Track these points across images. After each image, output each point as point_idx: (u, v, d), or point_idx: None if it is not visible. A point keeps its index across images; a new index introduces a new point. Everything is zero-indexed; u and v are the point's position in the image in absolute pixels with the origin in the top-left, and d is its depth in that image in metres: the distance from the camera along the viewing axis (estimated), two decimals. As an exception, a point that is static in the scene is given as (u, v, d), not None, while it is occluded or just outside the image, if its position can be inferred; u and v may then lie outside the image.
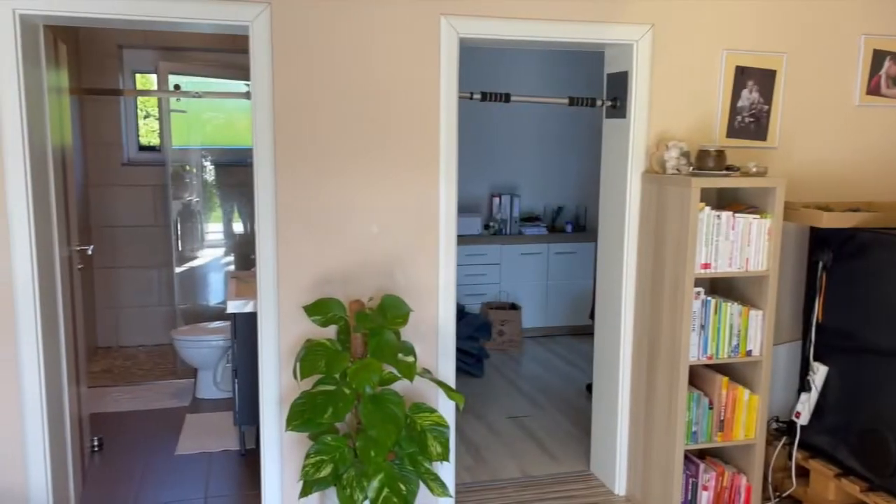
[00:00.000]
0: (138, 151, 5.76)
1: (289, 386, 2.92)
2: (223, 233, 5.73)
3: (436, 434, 2.65)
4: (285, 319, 2.90)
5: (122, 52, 5.45)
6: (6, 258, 2.59)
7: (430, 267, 3.00)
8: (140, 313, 5.82)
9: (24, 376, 2.64)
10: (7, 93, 2.50)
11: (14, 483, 2.69)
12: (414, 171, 2.93)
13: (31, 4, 2.48)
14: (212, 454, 3.77)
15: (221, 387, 4.60)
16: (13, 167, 2.55)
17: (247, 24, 2.69)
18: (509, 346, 5.70)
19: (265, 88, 2.74)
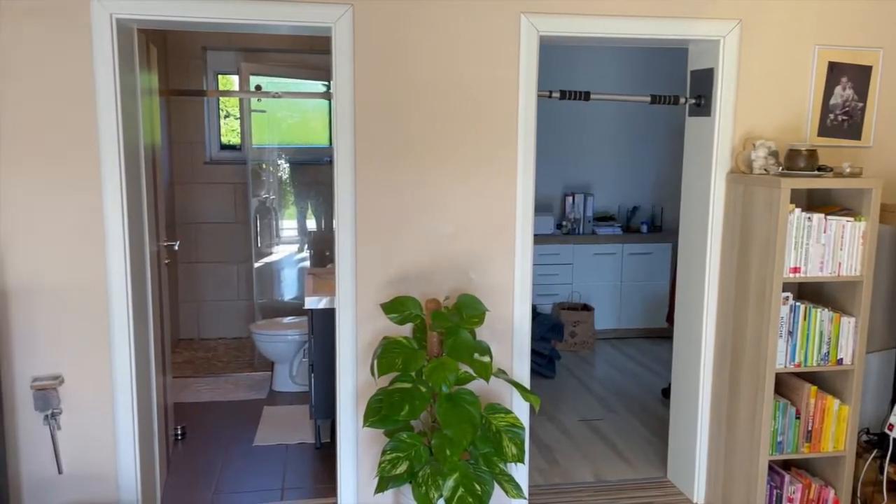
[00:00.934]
0: (220, 150, 5.95)
1: (365, 382, 2.95)
2: (297, 230, 5.85)
3: (511, 435, 2.64)
4: (362, 316, 2.93)
5: (206, 54, 5.63)
6: (101, 253, 2.71)
7: (505, 266, 2.99)
8: (220, 307, 6.00)
9: (116, 366, 2.76)
10: (104, 94, 2.62)
11: (105, 468, 2.82)
12: (491, 170, 2.92)
13: (127, 9, 2.58)
14: (288, 446, 3.85)
15: (297, 380, 4.70)
16: (109, 166, 2.66)
17: (330, 26, 2.74)
18: (581, 347, 5.62)
19: (346, 89, 2.78)
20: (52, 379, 2.72)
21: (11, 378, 2.69)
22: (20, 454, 2.74)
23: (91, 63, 2.59)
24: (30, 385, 2.71)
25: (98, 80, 2.61)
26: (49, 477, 2.77)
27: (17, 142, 2.60)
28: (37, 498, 2.78)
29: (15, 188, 2.62)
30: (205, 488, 3.37)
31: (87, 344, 2.74)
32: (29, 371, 2.71)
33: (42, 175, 2.63)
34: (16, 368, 2.70)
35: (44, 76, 2.59)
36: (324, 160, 5.82)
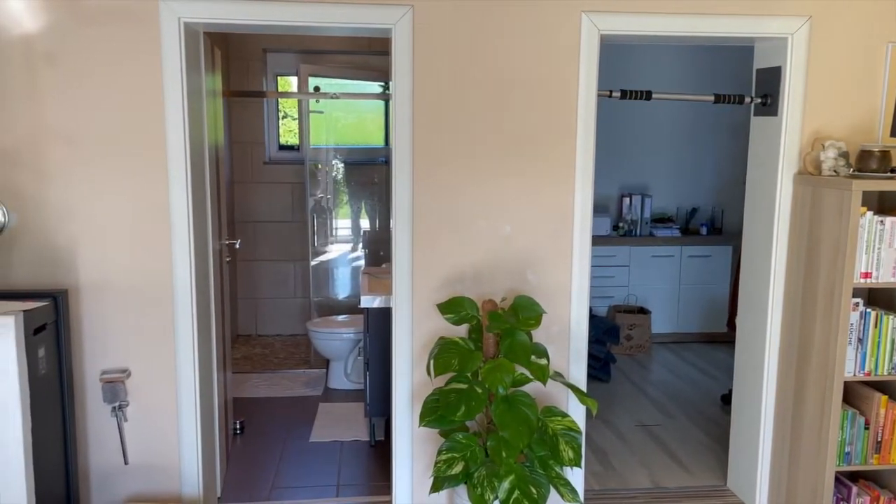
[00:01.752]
0: (278, 150, 6.06)
1: (420, 381, 2.97)
2: (351, 229, 5.92)
3: (568, 439, 2.61)
4: (418, 316, 2.94)
5: (266, 56, 5.74)
6: (167, 250, 2.79)
7: (563, 268, 2.96)
8: (277, 304, 6.11)
9: (180, 360, 2.84)
10: (172, 96, 2.69)
11: (169, 460, 2.90)
12: (549, 171, 2.89)
13: (194, 13, 2.65)
14: (343, 443, 3.89)
15: (352, 378, 4.75)
16: (176, 166, 2.73)
17: (390, 27, 2.75)
18: (637, 350, 5.53)
19: (406, 90, 2.79)
20: (119, 372, 2.81)
21: (82, 370, 2.79)
22: (89, 445, 2.84)
23: (160, 65, 2.67)
24: (99, 377, 2.80)
25: (166, 82, 2.68)
26: (115, 467, 2.87)
27: (89, 142, 2.70)
28: (104, 487, 2.87)
29: (86, 188, 2.72)
30: (263, 482, 3.44)
31: (154, 338, 2.82)
32: (98, 364, 2.81)
33: (111, 175, 2.72)
34: (86, 361, 2.80)
35: (114, 79, 2.67)
36: (379, 160, 5.88)
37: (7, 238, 2.70)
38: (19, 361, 2.20)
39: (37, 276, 2.73)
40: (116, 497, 2.87)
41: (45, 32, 2.62)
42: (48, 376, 2.45)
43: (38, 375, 2.35)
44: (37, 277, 2.73)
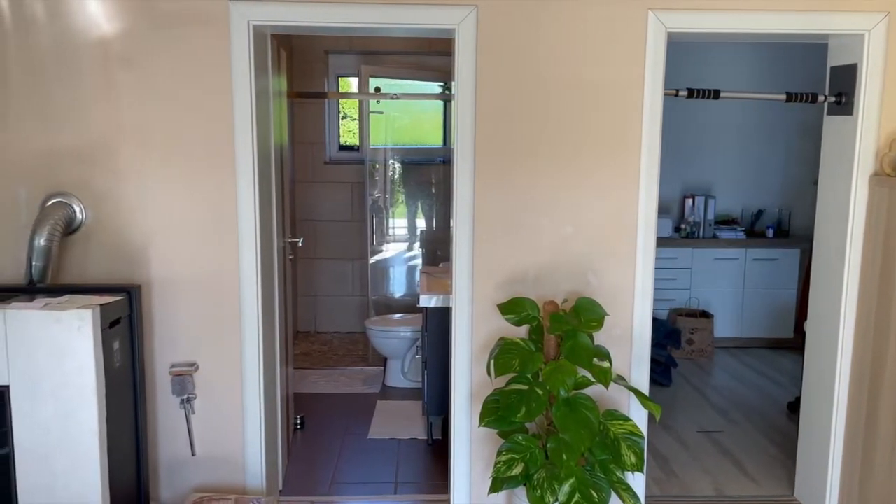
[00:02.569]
0: (338, 150, 6.14)
1: (479, 381, 2.96)
2: (408, 228, 5.96)
3: (630, 443, 2.57)
4: (478, 316, 2.94)
5: (328, 58, 5.83)
6: (235, 247, 2.85)
7: (626, 270, 2.91)
8: (335, 302, 6.20)
9: (246, 355, 2.90)
10: (240, 97, 2.75)
11: (234, 452, 2.97)
12: (613, 170, 2.86)
13: (263, 16, 2.71)
14: (400, 441, 3.92)
15: (409, 377, 4.79)
16: (243, 165, 2.80)
17: (453, 27, 2.76)
18: (699, 355, 5.41)
19: (468, 89, 2.80)
20: (188, 366, 2.90)
21: (153, 364, 2.88)
22: (158, 436, 2.93)
23: (229, 67, 2.74)
24: (168, 371, 2.89)
25: (235, 84, 2.75)
26: (183, 458, 2.95)
27: (161, 142, 2.78)
28: (172, 477, 2.96)
29: (158, 187, 2.81)
30: (323, 477, 3.49)
31: (221, 333, 2.89)
32: (168, 357, 2.90)
33: (182, 174, 2.81)
34: (156, 355, 2.89)
35: (184, 80, 2.75)
36: (437, 160, 5.90)
37: (84, 234, 2.81)
38: (96, 354, 2.28)
39: (111, 271, 2.83)
40: (184, 487, 2.96)
41: (120, 36, 2.72)
42: (122, 369, 2.54)
43: (113, 367, 2.44)
44: (111, 273, 2.84)
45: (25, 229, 2.76)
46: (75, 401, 2.28)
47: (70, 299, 2.40)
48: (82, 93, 2.74)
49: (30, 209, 2.77)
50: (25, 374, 2.25)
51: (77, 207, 2.78)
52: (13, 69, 2.71)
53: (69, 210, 2.76)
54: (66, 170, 2.77)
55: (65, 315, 2.25)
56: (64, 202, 2.76)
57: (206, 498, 2.80)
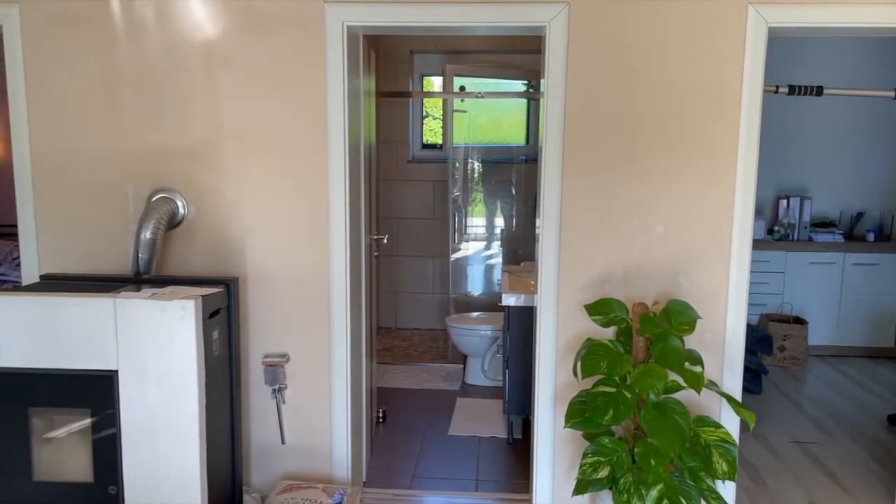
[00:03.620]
0: (421, 149, 6.21)
1: (564, 382, 2.94)
2: (489, 227, 5.96)
3: (722, 451, 2.50)
4: (563, 316, 2.92)
5: (412, 58, 5.90)
6: (325, 243, 2.93)
7: (719, 272, 2.83)
8: (416, 299, 6.27)
9: (334, 349, 2.97)
10: (334, 96, 2.82)
11: (321, 442, 3.05)
12: (707, 170, 2.78)
13: (357, 17, 2.77)
14: (481, 439, 3.93)
15: (489, 375, 4.79)
16: (335, 163, 2.87)
17: (544, 25, 2.75)
18: (791, 363, 5.20)
19: (558, 87, 2.78)
20: (280, 356, 2.99)
21: (247, 353, 2.99)
22: (251, 423, 3.04)
23: (324, 68, 2.81)
24: (261, 361, 2.99)
25: (329, 84, 2.82)
26: (273, 446, 3.05)
27: (258, 141, 2.88)
28: (263, 463, 3.07)
29: (255, 184, 2.91)
30: (405, 471, 3.54)
31: (311, 326, 2.98)
32: (261, 348, 3.00)
33: (277, 172, 2.90)
34: (251, 345, 3.00)
35: (281, 81, 2.84)
36: (519, 159, 5.88)
37: (185, 229, 2.95)
38: (198, 342, 2.39)
39: (210, 264, 2.96)
40: (273, 473, 3.06)
41: (222, 38, 2.83)
42: (220, 357, 2.64)
43: (212, 356, 2.55)
44: (210, 265, 2.96)
45: (132, 223, 2.91)
46: (178, 386, 2.39)
47: (173, 290, 2.52)
48: (186, 93, 2.86)
49: (137, 204, 2.92)
50: (133, 360, 2.38)
51: (180, 203, 2.91)
52: (125, 72, 2.86)
53: (173, 205, 2.89)
54: (170, 167, 2.91)
55: (169, 305, 2.36)
56: (168, 198, 2.90)
57: (294, 485, 2.88)
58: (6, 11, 2.81)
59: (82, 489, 2.44)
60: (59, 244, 2.96)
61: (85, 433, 2.42)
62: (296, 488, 2.85)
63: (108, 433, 2.41)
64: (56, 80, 2.87)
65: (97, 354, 2.38)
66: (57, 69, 2.87)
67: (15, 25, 2.81)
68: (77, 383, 2.38)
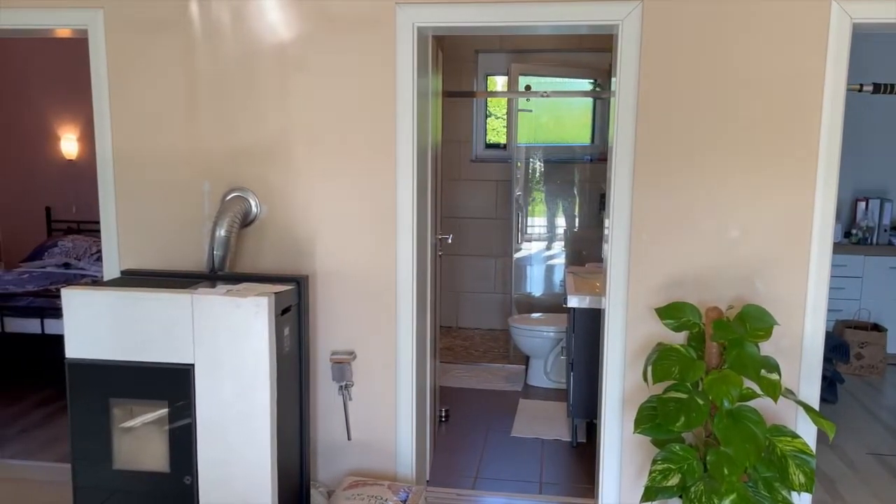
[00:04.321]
0: (484, 149, 6.20)
1: (632, 387, 2.89)
2: (552, 227, 5.91)
3: (798, 461, 2.41)
4: (632, 319, 2.87)
5: (477, 57, 5.90)
6: (392, 242, 2.95)
7: (797, 277, 2.74)
8: (477, 298, 6.27)
9: (400, 347, 2.99)
10: (403, 97, 2.84)
11: (386, 440, 3.07)
12: (786, 171, 2.69)
13: (427, 18, 2.78)
14: (544, 441, 3.90)
15: (551, 377, 4.75)
16: (403, 163, 2.88)
17: (616, 23, 2.70)
18: (869, 371, 4.99)
19: (630, 87, 2.73)
20: (346, 354, 3.03)
21: (315, 350, 3.04)
22: (318, 419, 3.09)
23: (394, 69, 2.83)
24: (329, 358, 3.03)
25: (399, 85, 2.84)
26: (340, 442, 3.09)
27: (328, 142, 2.92)
28: (329, 459, 3.11)
29: (325, 183, 2.95)
30: (467, 471, 3.54)
31: (377, 324, 3.00)
32: (329, 345, 3.04)
33: (347, 172, 2.93)
34: (319, 342, 3.04)
35: (351, 82, 2.87)
36: (584, 158, 5.81)
37: (258, 227, 3.01)
38: (270, 338, 2.44)
39: (281, 261, 3.01)
40: (339, 469, 3.10)
41: (294, 40, 2.88)
42: (290, 354, 2.69)
43: (283, 352, 2.60)
44: (281, 263, 3.02)
45: (208, 221, 2.99)
46: (251, 381, 2.44)
47: (247, 287, 2.58)
48: (260, 95, 2.93)
49: (212, 202, 3.00)
50: (208, 354, 2.45)
51: (253, 202, 2.98)
52: (202, 74, 2.94)
53: (246, 204, 2.96)
54: (244, 167, 2.98)
55: (244, 301, 2.41)
56: (242, 196, 2.97)
57: (360, 481, 2.92)
58: (92, 14, 2.92)
59: (159, 478, 2.53)
60: (138, 240, 3.07)
61: (162, 424, 2.50)
62: (361, 484, 2.88)
63: (184, 425, 2.48)
64: (137, 82, 2.98)
65: (175, 348, 2.45)
66: (138, 71, 2.97)
67: (99, 28, 2.92)
68: (155, 376, 2.46)
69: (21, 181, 6.23)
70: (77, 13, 2.92)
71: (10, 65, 6.10)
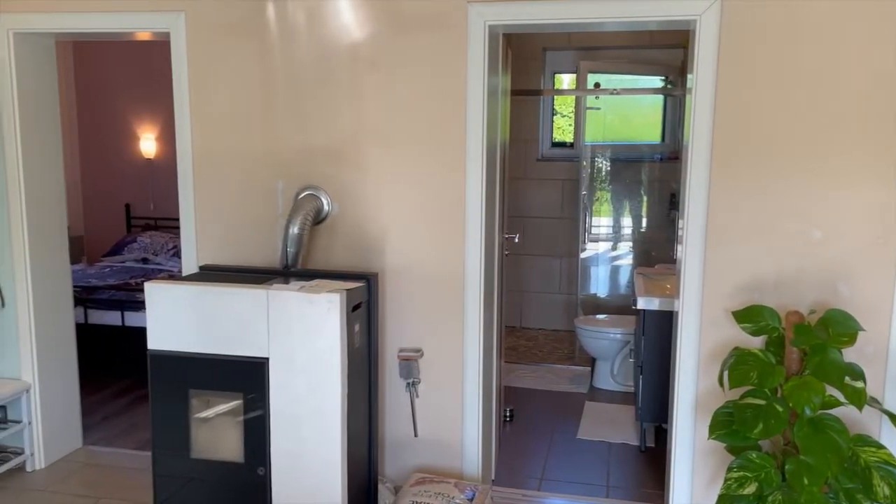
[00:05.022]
0: (550, 147, 6.15)
1: (706, 391, 2.82)
2: (616, 227, 5.83)
3: (883, 473, 2.30)
4: (707, 323, 2.80)
5: (544, 55, 5.85)
6: (461, 241, 2.95)
7: (882, 281, 2.62)
8: (541, 298, 6.22)
9: (467, 346, 3.00)
10: (474, 95, 2.84)
11: (452, 438, 3.08)
12: (874, 173, 2.57)
13: (499, 16, 2.77)
14: (611, 444, 3.85)
15: (618, 379, 4.68)
16: (473, 162, 2.88)
17: (695, 18, 2.64)
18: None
19: (707, 84, 2.66)
20: (414, 351, 3.05)
21: (383, 347, 3.07)
22: (385, 415, 3.12)
23: (465, 67, 2.83)
24: (397, 354, 3.06)
25: (469, 83, 2.84)
26: (406, 438, 3.12)
27: (398, 140, 2.95)
28: (396, 455, 3.14)
29: (395, 182, 2.97)
30: (532, 472, 3.52)
31: (444, 323, 3.01)
32: (396, 342, 3.07)
33: (416, 170, 2.95)
34: (387, 339, 3.07)
35: (422, 81, 2.89)
36: (654, 157, 5.70)
37: (329, 225, 3.06)
38: (342, 334, 2.48)
39: (351, 259, 3.06)
40: (406, 466, 3.13)
41: (367, 41, 2.91)
42: (360, 350, 2.73)
43: (354, 348, 2.63)
44: (351, 261, 3.06)
45: (281, 218, 3.06)
46: (323, 376, 2.48)
47: (319, 283, 2.63)
48: (332, 95, 2.97)
49: (286, 200, 3.06)
50: (282, 348, 2.50)
51: (325, 200, 3.03)
52: (278, 75, 3.00)
53: (318, 202, 3.01)
54: (316, 165, 3.03)
55: (317, 298, 2.46)
56: (314, 195, 3.02)
57: (427, 478, 2.93)
58: (174, 17, 3.02)
59: (233, 468, 2.60)
60: (215, 236, 3.16)
61: (237, 416, 2.57)
62: (428, 481, 2.90)
63: (258, 417, 2.55)
64: (215, 83, 3.06)
65: (250, 342, 2.51)
66: (216, 72, 3.05)
67: (181, 31, 3.02)
68: (232, 368, 2.53)
69: (103, 180, 6.50)
70: (160, 16, 3.02)
71: (94, 68, 6.37)
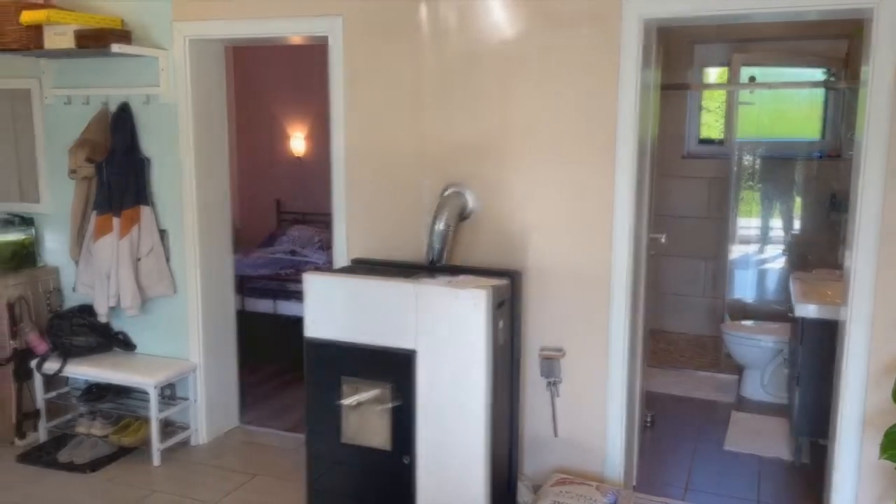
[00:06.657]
0: (697, 144, 5.89)
1: (875, 407, 2.61)
2: (766, 228, 5.49)
3: None
4: (879, 333, 2.59)
5: (693, 48, 5.61)
6: (608, 240, 2.90)
7: None
8: (682, 301, 5.98)
9: (613, 348, 2.94)
10: (626, 91, 2.78)
11: (594, 440, 3.03)
12: None
13: (655, 10, 2.69)
14: (761, 458, 3.64)
15: (769, 390, 4.42)
16: (623, 159, 2.82)
17: (871, 7, 2.44)
18: None
19: (886, 77, 2.45)
20: (556, 350, 3.03)
21: (525, 345, 3.07)
22: (526, 413, 3.12)
23: (617, 63, 2.78)
24: (538, 353, 3.05)
25: (622, 79, 2.78)
26: (546, 437, 3.10)
27: (544, 137, 2.93)
28: (535, 453, 3.13)
29: (539, 179, 2.96)
30: (676, 481, 3.40)
31: (588, 323, 2.97)
32: (538, 341, 3.06)
33: (562, 167, 2.93)
34: (529, 337, 3.07)
35: (571, 77, 2.85)
36: (814, 155, 5.33)
37: (473, 222, 3.10)
38: (487, 330, 2.50)
39: (494, 256, 3.08)
40: (545, 465, 3.11)
41: (516, 38, 2.92)
42: (503, 346, 2.74)
43: (497, 345, 2.65)
44: (493, 258, 3.08)
45: (427, 214, 3.13)
46: (468, 370, 2.52)
47: (465, 279, 2.67)
48: (479, 93, 3.00)
49: (431, 197, 3.13)
50: (429, 341, 2.56)
51: (469, 197, 3.07)
52: (427, 75, 3.08)
53: (462, 199, 3.05)
54: (461, 163, 3.08)
55: (463, 293, 2.50)
56: (459, 192, 3.07)
57: (567, 479, 2.91)
58: (332, 21, 3.16)
59: (380, 455, 2.69)
60: (364, 230, 3.28)
61: (385, 405, 2.66)
62: (569, 482, 2.87)
63: (405, 407, 2.62)
64: (368, 83, 3.18)
65: (399, 333, 2.59)
66: (370, 73, 3.17)
67: (338, 34, 3.16)
68: (381, 358, 2.63)
69: (256, 176, 6.92)
70: (320, 21, 3.18)
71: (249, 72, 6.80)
